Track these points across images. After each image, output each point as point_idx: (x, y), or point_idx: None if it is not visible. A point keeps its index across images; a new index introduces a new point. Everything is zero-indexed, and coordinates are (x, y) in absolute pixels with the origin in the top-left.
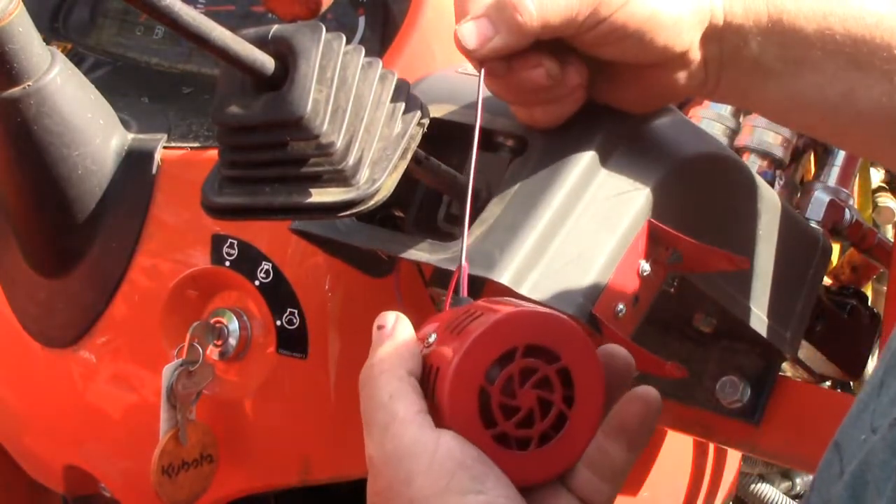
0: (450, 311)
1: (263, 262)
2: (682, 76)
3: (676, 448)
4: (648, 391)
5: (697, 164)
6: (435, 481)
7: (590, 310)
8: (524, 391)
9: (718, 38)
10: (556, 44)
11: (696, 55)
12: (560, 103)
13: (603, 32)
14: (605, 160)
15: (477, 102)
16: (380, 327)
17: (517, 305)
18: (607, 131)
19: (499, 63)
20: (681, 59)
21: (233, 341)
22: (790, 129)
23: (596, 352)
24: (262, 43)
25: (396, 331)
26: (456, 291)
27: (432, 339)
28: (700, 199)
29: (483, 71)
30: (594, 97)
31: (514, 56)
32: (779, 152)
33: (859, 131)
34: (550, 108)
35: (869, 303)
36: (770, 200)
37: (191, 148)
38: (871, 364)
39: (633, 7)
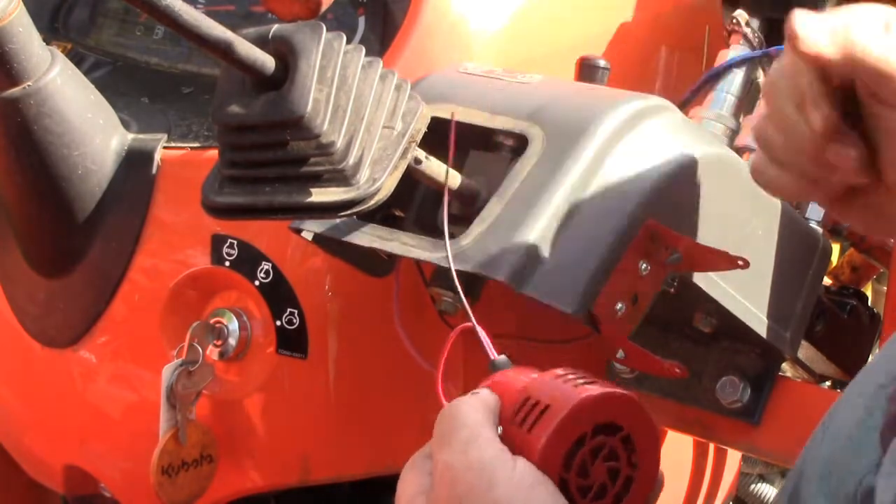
0: (498, 385)
1: (263, 262)
2: None
3: (676, 448)
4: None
5: (698, 164)
6: (517, 491)
7: (589, 309)
8: (596, 467)
9: None
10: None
11: None
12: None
13: None
14: (605, 160)
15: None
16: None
17: (563, 378)
18: (608, 131)
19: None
20: None
21: (233, 341)
22: None
23: (644, 407)
24: (262, 43)
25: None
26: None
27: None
28: (700, 199)
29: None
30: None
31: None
32: None
33: None
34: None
35: (869, 303)
36: (770, 200)
37: (191, 148)
38: None
39: None
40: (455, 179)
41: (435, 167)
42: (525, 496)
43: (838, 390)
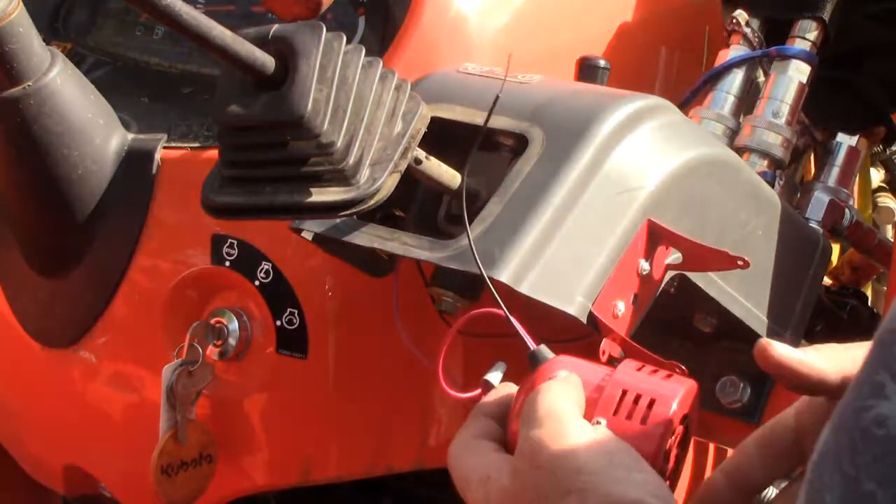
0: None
1: (263, 262)
2: None
3: None
4: None
5: (698, 164)
6: (599, 457)
7: (589, 308)
8: (672, 453)
9: None
10: None
11: None
12: None
13: None
14: (604, 159)
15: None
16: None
17: (644, 370)
18: (608, 131)
19: None
20: None
21: (233, 341)
22: (790, 130)
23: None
24: (262, 43)
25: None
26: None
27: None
28: (700, 199)
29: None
30: None
31: None
32: (779, 152)
33: None
34: None
35: (869, 303)
36: (770, 200)
37: (191, 148)
38: None
39: None
40: (455, 180)
41: (435, 167)
42: (608, 461)
43: None
